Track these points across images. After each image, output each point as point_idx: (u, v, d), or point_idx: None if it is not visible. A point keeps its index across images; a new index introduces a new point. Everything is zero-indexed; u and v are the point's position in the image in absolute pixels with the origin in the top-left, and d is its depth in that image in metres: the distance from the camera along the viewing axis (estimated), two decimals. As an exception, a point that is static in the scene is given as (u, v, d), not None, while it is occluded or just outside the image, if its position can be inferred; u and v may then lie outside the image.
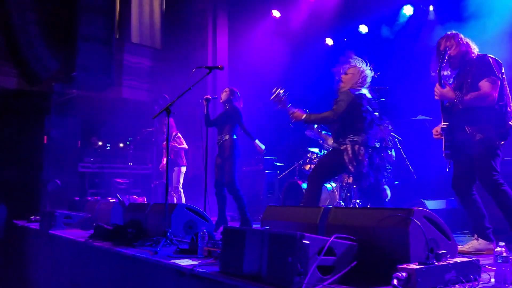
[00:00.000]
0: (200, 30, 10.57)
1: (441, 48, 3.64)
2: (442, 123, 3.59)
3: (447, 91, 3.46)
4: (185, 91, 4.38)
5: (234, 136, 5.88)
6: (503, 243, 2.41)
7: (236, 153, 5.82)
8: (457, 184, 3.61)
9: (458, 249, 3.59)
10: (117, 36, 9.89)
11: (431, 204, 5.55)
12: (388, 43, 7.87)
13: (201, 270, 2.82)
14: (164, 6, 11.21)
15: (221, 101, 6.08)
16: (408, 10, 7.82)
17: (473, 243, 3.51)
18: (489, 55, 3.52)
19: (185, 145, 7.86)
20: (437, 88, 3.50)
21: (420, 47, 7.62)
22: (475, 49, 3.58)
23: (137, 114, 9.40)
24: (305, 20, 9.15)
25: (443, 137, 3.59)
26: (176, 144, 7.64)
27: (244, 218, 5.73)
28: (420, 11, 7.76)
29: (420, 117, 6.62)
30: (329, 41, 9.22)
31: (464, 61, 3.56)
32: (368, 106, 4.33)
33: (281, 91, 4.52)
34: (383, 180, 4.54)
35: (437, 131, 3.73)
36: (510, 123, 3.39)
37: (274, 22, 9.70)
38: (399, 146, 6.57)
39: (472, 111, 3.41)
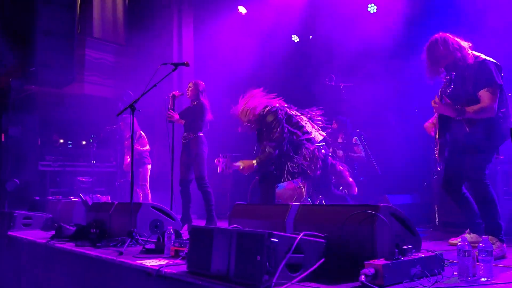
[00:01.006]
0: (165, 26, 10.40)
1: (436, 55, 3.50)
2: (438, 131, 3.58)
3: (449, 106, 3.33)
4: (150, 87, 4.30)
5: (201, 133, 5.82)
6: (468, 236, 2.48)
7: (204, 149, 5.77)
8: (448, 183, 3.65)
9: (451, 241, 3.68)
10: (79, 31, 9.62)
11: (395, 199, 5.67)
12: (354, 40, 7.95)
13: (168, 270, 2.77)
14: (127, 1, 10.98)
15: (188, 96, 6.00)
16: (372, 7, 7.94)
17: (466, 237, 3.58)
18: (489, 59, 3.41)
19: (147, 147, 7.74)
20: (437, 103, 3.39)
21: (384, 45, 7.76)
22: (469, 51, 3.47)
23: (100, 110, 9.17)
24: (272, 17, 9.14)
25: (437, 137, 3.61)
26: (139, 147, 7.50)
27: (209, 215, 5.69)
28: (384, 8, 7.88)
29: (384, 113, 6.74)
30: (295, 38, 9.26)
31: (460, 66, 3.44)
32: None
33: (224, 158, 4.52)
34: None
35: (430, 126, 3.75)
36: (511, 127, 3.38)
37: (240, 18, 9.65)
38: (364, 142, 6.68)
39: (475, 123, 3.36)
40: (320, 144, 4.52)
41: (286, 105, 4.57)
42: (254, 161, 4.42)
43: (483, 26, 5.41)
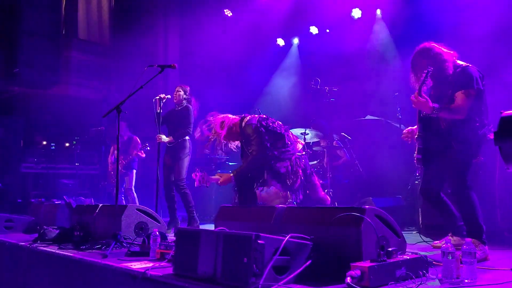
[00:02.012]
0: (151, 28, 10.36)
1: (418, 64, 3.57)
2: (417, 133, 3.63)
3: (424, 103, 3.40)
4: (136, 89, 4.27)
5: (187, 137, 5.81)
6: (451, 239, 2.52)
7: (188, 154, 5.83)
8: (427, 189, 3.68)
9: (434, 244, 3.71)
10: (64, 32, 9.53)
11: (379, 202, 5.72)
12: (338, 44, 8.02)
13: (153, 273, 2.75)
14: (113, 3, 10.91)
15: (174, 101, 6.00)
16: (356, 13, 8.02)
17: (449, 239, 3.62)
18: (471, 65, 3.49)
19: (143, 154, 7.67)
20: (416, 98, 3.44)
21: (368, 49, 7.85)
22: (453, 58, 3.53)
23: (85, 112, 9.09)
24: (257, 20, 9.18)
25: (416, 143, 3.65)
26: (135, 151, 7.42)
27: (190, 216, 5.70)
28: (367, 14, 7.97)
29: (369, 117, 6.80)
30: (281, 42, 9.30)
31: (443, 73, 3.51)
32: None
33: (200, 172, 4.51)
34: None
35: (407, 134, 3.78)
36: (488, 135, 3.41)
37: (226, 21, 9.66)
38: (349, 145, 6.72)
39: (452, 122, 3.44)
40: (300, 153, 4.53)
41: (264, 116, 4.55)
42: (232, 174, 4.40)
43: (466, 36, 5.52)
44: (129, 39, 10.15)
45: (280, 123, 4.57)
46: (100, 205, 4.69)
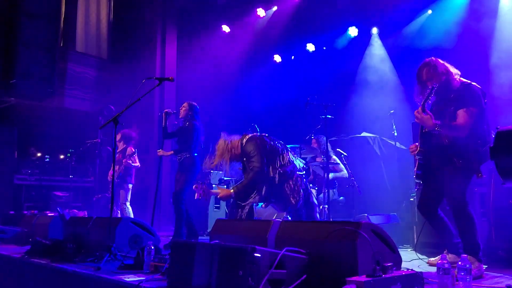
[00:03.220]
0: (149, 41, 10.42)
1: (423, 78, 3.62)
2: (419, 148, 3.65)
3: (428, 119, 3.43)
4: (133, 102, 4.28)
5: (195, 154, 5.85)
6: (446, 256, 2.51)
7: (193, 170, 5.80)
8: (425, 204, 3.69)
9: (429, 261, 3.70)
10: (61, 44, 9.56)
11: (375, 219, 5.71)
12: (335, 62, 8.10)
13: (147, 286, 2.72)
14: (111, 16, 10.99)
15: (180, 116, 6.03)
16: (353, 31, 8.12)
17: (445, 255, 3.60)
18: (474, 83, 3.53)
19: (137, 164, 7.63)
20: (419, 113, 3.48)
21: (364, 66, 7.93)
22: (457, 75, 3.57)
23: (80, 124, 9.07)
24: (254, 36, 9.27)
25: (416, 158, 3.66)
26: (131, 163, 7.37)
27: (177, 232, 5.63)
28: (364, 32, 8.07)
29: (364, 134, 6.84)
30: (277, 58, 9.38)
31: (447, 89, 3.56)
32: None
33: (201, 185, 4.55)
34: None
35: (413, 150, 3.80)
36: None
37: (223, 37, 9.75)
38: (344, 161, 6.73)
39: (455, 139, 3.46)
40: (301, 172, 4.55)
41: (265, 134, 4.59)
42: (232, 190, 4.40)
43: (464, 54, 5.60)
44: (127, 52, 10.21)
45: (281, 142, 4.60)
46: (94, 217, 4.65)
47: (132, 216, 7.27)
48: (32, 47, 7.80)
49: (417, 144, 3.78)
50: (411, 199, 5.51)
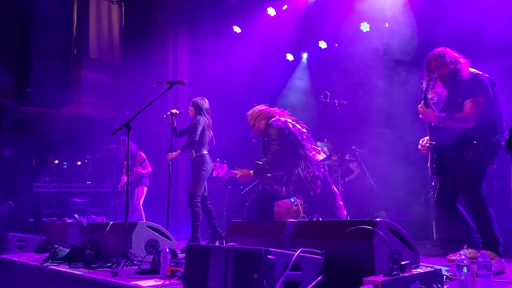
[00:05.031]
0: (161, 45, 10.48)
1: (431, 67, 3.58)
2: (429, 141, 3.59)
3: (430, 112, 3.41)
4: (145, 106, 4.29)
5: (204, 152, 5.78)
6: (463, 252, 2.45)
7: (204, 168, 5.69)
8: (442, 199, 3.63)
9: (449, 257, 3.63)
10: (75, 52, 9.67)
11: (392, 216, 5.64)
12: (347, 58, 8.02)
13: (163, 290, 2.72)
14: (123, 22, 11.08)
15: (190, 115, 6.01)
16: (365, 26, 8.02)
17: (464, 252, 3.54)
18: (481, 73, 3.46)
19: (149, 168, 7.67)
20: (422, 108, 3.46)
21: (377, 62, 7.83)
22: (466, 66, 3.52)
23: (96, 131, 9.16)
24: (266, 36, 9.23)
25: (429, 152, 3.60)
26: (141, 170, 7.43)
27: (193, 235, 5.60)
28: (376, 27, 7.97)
29: (380, 130, 6.75)
30: (290, 57, 9.33)
31: (455, 80, 3.50)
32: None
33: (221, 164, 4.54)
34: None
35: (422, 144, 3.74)
36: (502, 143, 3.34)
37: (235, 38, 9.73)
38: (359, 158, 6.66)
39: (464, 130, 3.40)
40: (320, 162, 4.49)
41: (290, 119, 4.56)
42: (251, 171, 4.40)
43: (479, 47, 5.49)
44: (139, 57, 10.28)
45: (304, 130, 4.59)
46: (111, 223, 4.68)
47: (143, 218, 7.33)
48: (46, 56, 7.91)
49: (425, 138, 3.72)
50: (429, 194, 5.42)
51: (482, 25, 5.86)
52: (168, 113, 5.90)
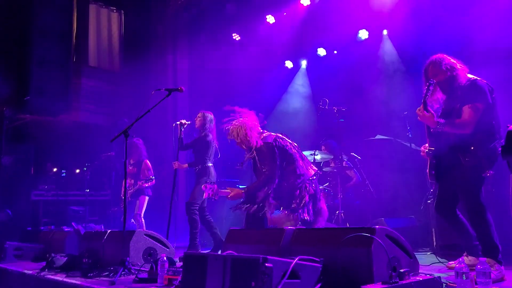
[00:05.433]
0: (160, 53, 10.50)
1: (429, 74, 3.57)
2: (428, 147, 3.58)
3: (429, 117, 3.38)
4: (143, 113, 4.29)
5: (209, 164, 5.83)
6: (463, 259, 2.44)
7: (207, 180, 5.72)
8: (442, 206, 3.61)
9: (449, 265, 3.61)
10: (74, 60, 9.66)
11: (392, 223, 5.61)
12: (346, 65, 8.04)
13: (160, 299, 2.70)
14: (123, 30, 11.10)
15: (196, 126, 6.04)
16: (363, 34, 8.04)
17: (463, 259, 3.53)
18: (480, 79, 3.45)
19: (153, 181, 7.60)
20: (420, 111, 3.44)
21: (375, 69, 7.84)
22: (464, 72, 3.52)
23: (95, 138, 9.13)
24: (265, 43, 9.25)
25: (428, 158, 3.59)
26: (145, 184, 7.34)
27: (192, 243, 5.61)
28: (374, 35, 7.99)
29: (378, 136, 6.74)
30: (289, 64, 9.34)
31: (453, 87, 3.50)
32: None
33: (211, 184, 4.53)
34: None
35: (423, 151, 3.72)
36: (499, 149, 3.28)
37: (235, 45, 9.75)
38: (358, 165, 6.65)
39: (461, 136, 3.39)
40: (312, 177, 4.45)
41: (281, 135, 4.51)
42: (242, 190, 4.37)
43: (475, 53, 5.49)
44: (139, 65, 10.28)
45: (296, 145, 4.53)
46: (109, 231, 4.66)
47: (144, 229, 7.25)
48: (45, 64, 7.90)
49: (427, 145, 3.70)
50: (428, 201, 5.40)
51: (479, 32, 5.87)
52: (178, 122, 5.96)
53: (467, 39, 5.99)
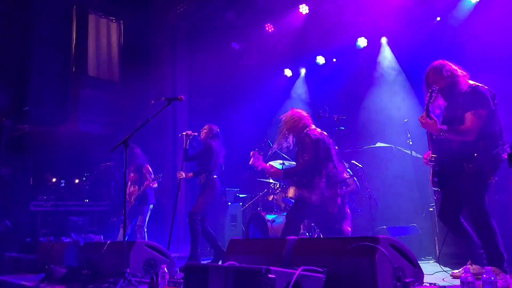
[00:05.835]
0: (159, 63, 10.50)
1: (429, 80, 3.56)
2: (431, 154, 3.56)
3: (432, 124, 3.36)
4: (143, 123, 4.27)
5: (214, 176, 5.81)
6: (470, 268, 2.40)
7: (212, 192, 5.74)
8: (445, 213, 3.58)
9: (453, 274, 3.55)
10: (73, 70, 9.67)
11: (394, 231, 5.57)
12: (345, 73, 8.04)
13: (161, 311, 2.65)
14: (122, 40, 11.12)
15: (201, 138, 6.03)
16: (362, 42, 8.05)
17: (468, 268, 3.48)
18: (481, 85, 3.44)
19: (155, 184, 7.53)
20: (423, 119, 3.42)
21: (375, 77, 7.85)
22: (465, 78, 3.50)
23: (94, 148, 9.10)
24: (264, 52, 9.26)
25: (430, 165, 3.56)
26: (153, 182, 7.25)
27: (193, 253, 5.55)
28: (373, 42, 8.00)
29: (379, 144, 6.72)
30: (288, 72, 9.35)
31: (454, 93, 3.48)
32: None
33: (258, 154, 4.59)
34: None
35: (426, 158, 3.69)
36: (503, 155, 3.31)
37: (234, 54, 9.76)
38: (360, 173, 6.61)
39: (464, 143, 3.36)
40: (343, 180, 4.56)
41: (326, 134, 4.62)
42: (282, 170, 4.50)
43: (475, 59, 5.50)
44: (138, 74, 10.29)
45: (337, 148, 4.67)
46: (108, 241, 4.61)
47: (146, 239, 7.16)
48: (44, 74, 7.92)
49: (429, 152, 3.67)
50: (431, 209, 5.36)
51: (478, 38, 5.87)
52: (184, 133, 5.97)
53: (466, 46, 5.99)
